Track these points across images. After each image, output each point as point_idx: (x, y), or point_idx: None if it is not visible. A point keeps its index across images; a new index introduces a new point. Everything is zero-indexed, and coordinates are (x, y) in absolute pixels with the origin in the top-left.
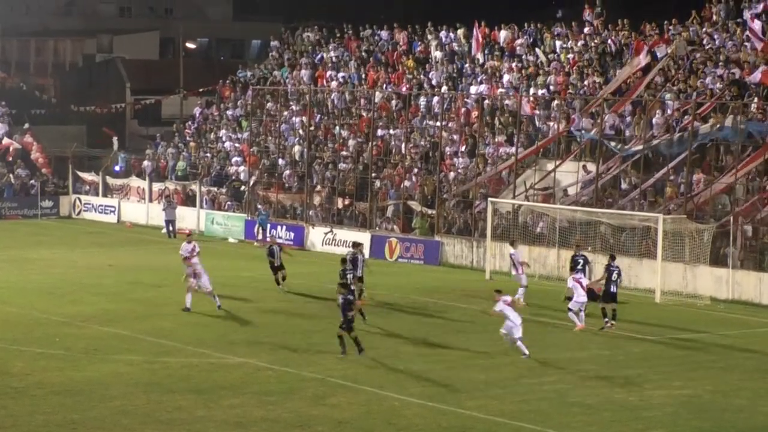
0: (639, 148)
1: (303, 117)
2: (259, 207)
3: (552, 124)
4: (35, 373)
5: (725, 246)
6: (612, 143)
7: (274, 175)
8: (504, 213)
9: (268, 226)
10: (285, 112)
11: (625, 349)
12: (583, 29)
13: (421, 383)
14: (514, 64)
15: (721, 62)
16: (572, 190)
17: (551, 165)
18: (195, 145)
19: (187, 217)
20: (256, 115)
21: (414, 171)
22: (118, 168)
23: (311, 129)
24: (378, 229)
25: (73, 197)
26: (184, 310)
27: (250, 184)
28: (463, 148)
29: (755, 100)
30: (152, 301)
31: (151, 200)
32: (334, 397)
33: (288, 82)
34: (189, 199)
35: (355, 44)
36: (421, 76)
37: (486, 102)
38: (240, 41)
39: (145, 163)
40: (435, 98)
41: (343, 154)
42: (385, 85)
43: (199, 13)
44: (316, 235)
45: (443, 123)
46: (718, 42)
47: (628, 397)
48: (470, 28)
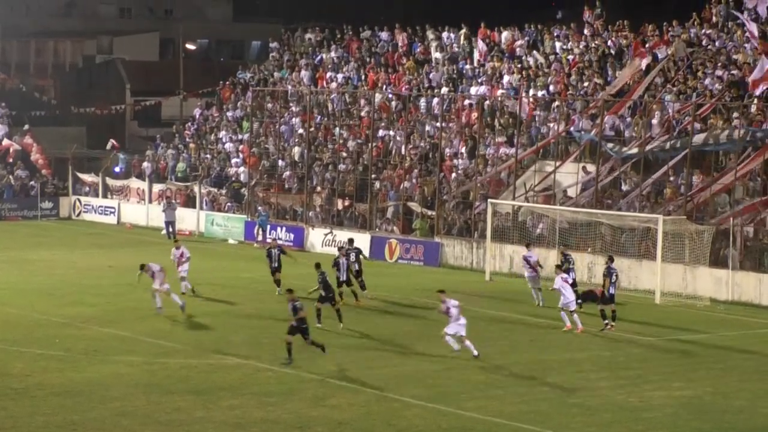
0: (635, 151)
1: (303, 118)
2: (259, 208)
3: (552, 125)
4: (35, 374)
5: (725, 247)
6: (609, 145)
7: (274, 177)
8: (504, 214)
9: (268, 227)
10: (285, 114)
11: (625, 350)
12: (583, 30)
13: (421, 384)
14: (514, 65)
15: (721, 63)
16: (572, 192)
17: (551, 166)
18: (195, 146)
19: (187, 219)
20: (256, 117)
21: (414, 172)
22: (117, 169)
23: (311, 130)
24: (378, 231)
25: (73, 198)
26: (158, 311)
27: (250, 185)
28: (463, 149)
29: (755, 101)
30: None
31: (150, 201)
32: (334, 398)
33: (288, 83)
34: (189, 201)
35: (355, 45)
36: (422, 77)
37: (486, 103)
38: (240, 42)
39: (145, 165)
40: (435, 99)
41: (343, 155)
42: (385, 86)
43: (199, 14)
44: (316, 237)
45: (443, 124)
46: (717, 43)
47: (628, 398)
48: (470, 29)
